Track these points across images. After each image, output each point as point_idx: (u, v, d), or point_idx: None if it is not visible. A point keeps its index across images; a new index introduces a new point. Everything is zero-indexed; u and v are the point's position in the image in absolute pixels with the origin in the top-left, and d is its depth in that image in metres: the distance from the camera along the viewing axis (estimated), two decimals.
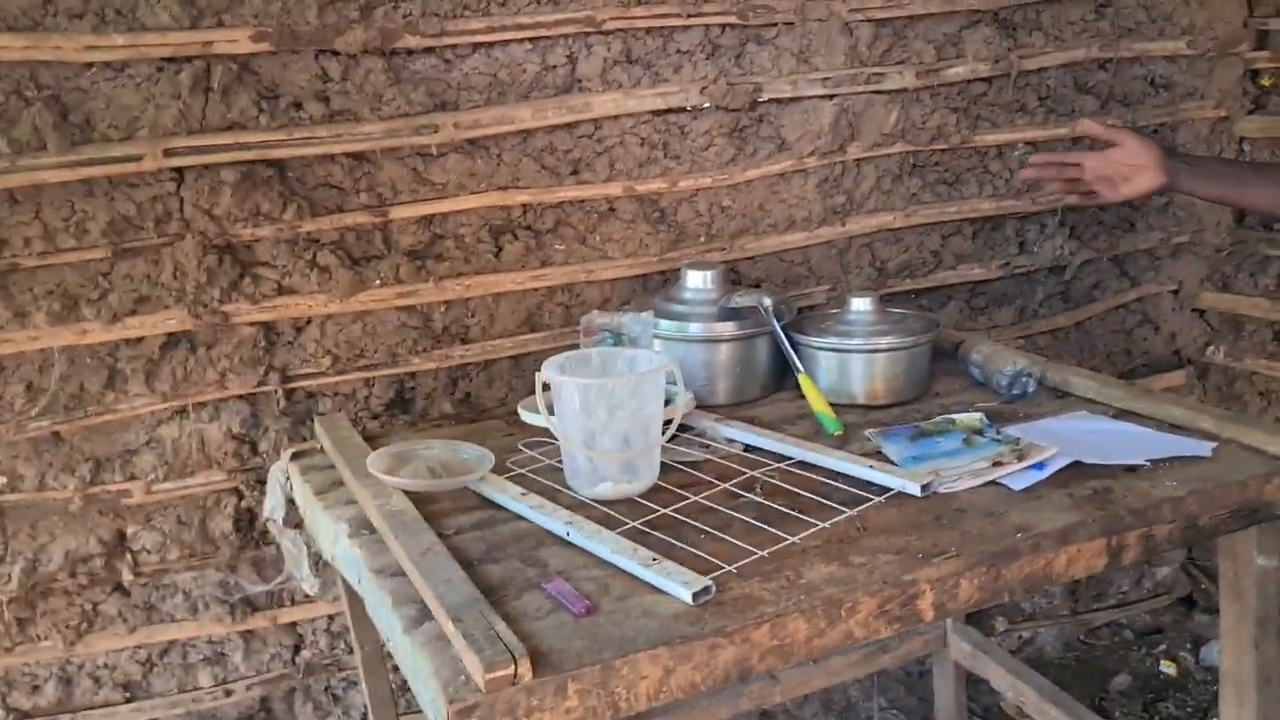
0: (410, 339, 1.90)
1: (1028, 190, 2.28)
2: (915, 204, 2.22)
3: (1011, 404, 1.73)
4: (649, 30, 1.94)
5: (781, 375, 1.81)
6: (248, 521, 1.88)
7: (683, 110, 2.00)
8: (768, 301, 1.75)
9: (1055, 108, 2.29)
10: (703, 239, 2.06)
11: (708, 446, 1.60)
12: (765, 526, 1.31)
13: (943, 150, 2.22)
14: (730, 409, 1.76)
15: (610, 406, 1.39)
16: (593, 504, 1.41)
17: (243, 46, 1.69)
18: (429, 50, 1.82)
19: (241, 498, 1.87)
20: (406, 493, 1.44)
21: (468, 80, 1.86)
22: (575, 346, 1.74)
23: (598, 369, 1.48)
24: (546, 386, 1.43)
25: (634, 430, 1.40)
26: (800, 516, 1.34)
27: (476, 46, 1.85)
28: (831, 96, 2.08)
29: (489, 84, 1.87)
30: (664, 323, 1.79)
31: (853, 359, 1.75)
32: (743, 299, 1.77)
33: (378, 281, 1.85)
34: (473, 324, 1.95)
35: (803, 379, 1.70)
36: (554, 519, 1.34)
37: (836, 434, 1.62)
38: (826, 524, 1.32)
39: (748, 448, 1.59)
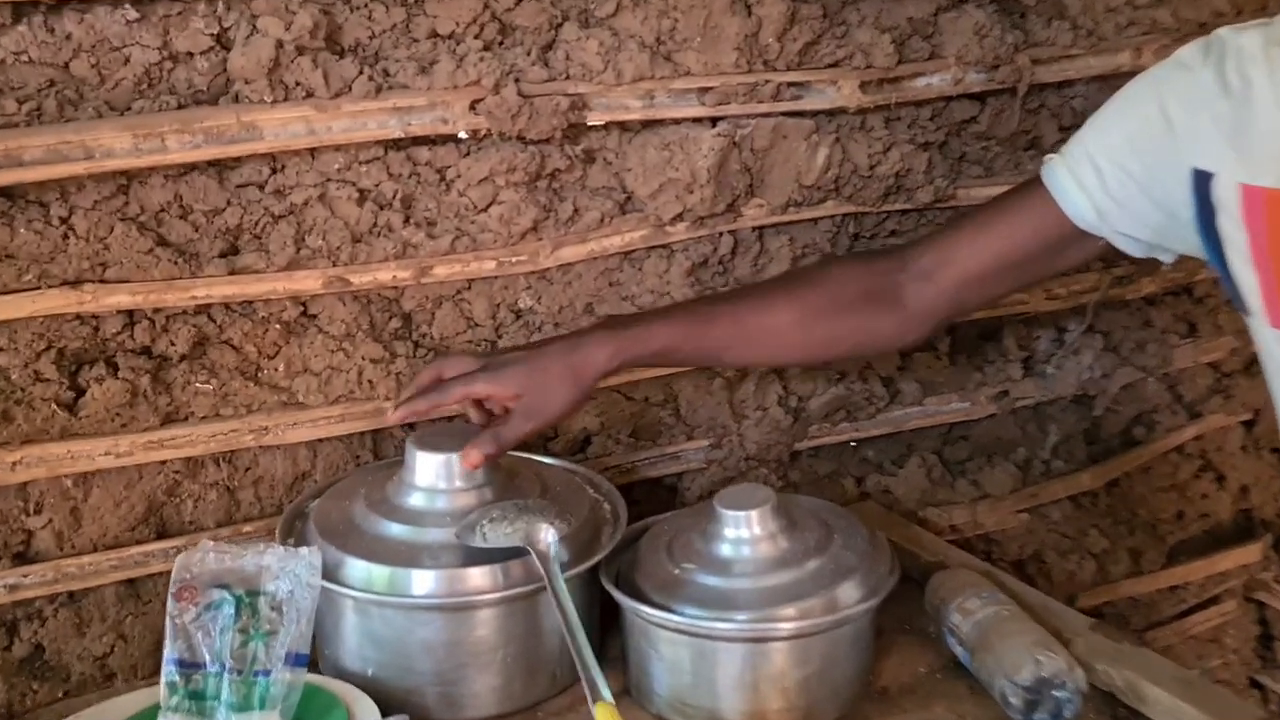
0: None
1: None
2: None
3: None
4: None
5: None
6: None
7: (445, 139, 1.12)
8: (550, 538, 0.87)
9: None
10: None
11: None
12: None
13: (904, 211, 1.35)
14: None
15: None
16: None
17: None
18: None
19: None
20: None
21: (4, 77, 0.97)
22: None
23: None
24: None
25: None
26: None
27: (20, 11, 0.97)
28: (715, 120, 1.20)
29: (46, 85, 0.98)
30: (357, 566, 0.91)
31: (721, 652, 0.88)
32: (499, 529, 0.88)
33: None
34: (39, 530, 1.06)
35: (601, 714, 0.82)
36: None
37: None
38: None
39: None
